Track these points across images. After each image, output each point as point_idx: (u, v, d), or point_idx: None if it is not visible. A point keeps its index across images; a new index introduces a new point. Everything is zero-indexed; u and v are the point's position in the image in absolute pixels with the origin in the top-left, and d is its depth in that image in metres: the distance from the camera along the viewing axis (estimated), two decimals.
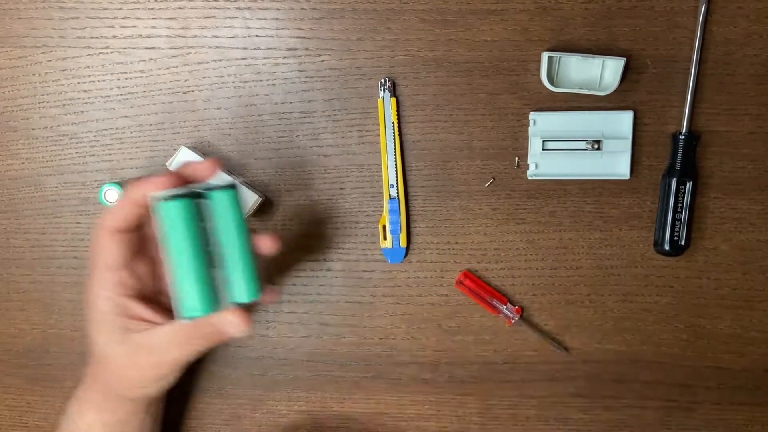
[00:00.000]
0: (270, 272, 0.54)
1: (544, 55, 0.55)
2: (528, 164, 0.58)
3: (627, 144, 0.57)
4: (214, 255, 0.44)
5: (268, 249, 0.47)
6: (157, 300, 0.47)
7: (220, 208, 0.44)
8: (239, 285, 0.44)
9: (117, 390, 0.50)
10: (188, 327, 0.44)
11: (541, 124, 0.57)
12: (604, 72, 0.56)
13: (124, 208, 0.44)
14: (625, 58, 0.55)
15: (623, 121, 0.57)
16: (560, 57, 0.56)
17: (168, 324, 0.45)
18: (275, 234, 0.49)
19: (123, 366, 0.47)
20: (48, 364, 0.62)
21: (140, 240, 0.46)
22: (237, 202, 0.44)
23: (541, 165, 0.58)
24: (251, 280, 0.45)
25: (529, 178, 0.58)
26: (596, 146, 0.57)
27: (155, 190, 0.42)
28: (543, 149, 0.57)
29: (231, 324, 0.45)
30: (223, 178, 0.45)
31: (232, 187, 0.44)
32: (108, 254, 0.44)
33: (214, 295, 0.43)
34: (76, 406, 0.53)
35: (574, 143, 0.57)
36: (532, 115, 0.57)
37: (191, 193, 0.42)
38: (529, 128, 0.57)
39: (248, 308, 0.46)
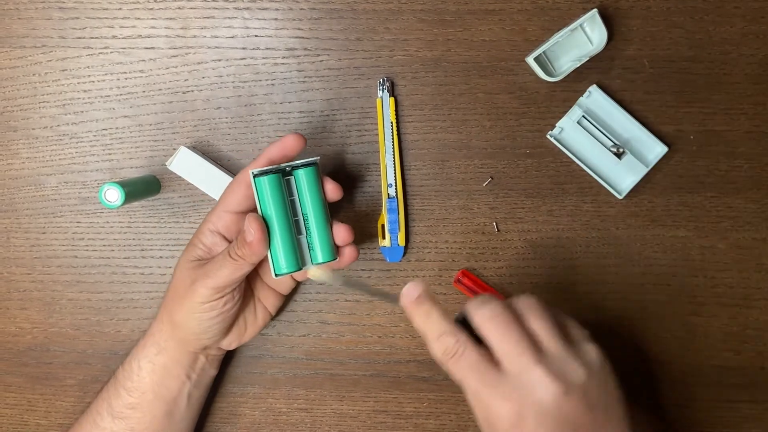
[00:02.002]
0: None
1: (529, 60, 0.55)
2: (555, 125, 0.58)
3: (642, 171, 0.57)
4: (300, 224, 0.52)
5: (342, 239, 0.53)
6: None
7: (303, 182, 0.52)
8: (321, 248, 0.53)
9: (174, 316, 0.52)
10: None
11: (593, 100, 0.57)
12: (588, 33, 0.56)
13: (258, 161, 0.51)
14: (595, 8, 0.55)
15: (655, 149, 0.58)
16: (544, 51, 0.56)
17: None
18: (350, 226, 0.53)
19: (180, 279, 0.52)
20: (48, 363, 0.62)
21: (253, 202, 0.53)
22: (317, 178, 0.52)
23: (565, 132, 0.58)
24: (329, 244, 0.53)
25: (547, 135, 0.58)
26: (619, 151, 0.57)
27: (284, 150, 0.51)
28: (577, 122, 0.57)
29: (313, 273, 0.52)
30: (307, 157, 0.53)
31: (313, 164, 0.52)
32: (231, 197, 0.52)
33: (298, 256, 0.52)
34: (142, 340, 0.55)
35: (603, 137, 0.57)
36: (592, 87, 0.57)
37: (278, 170, 0.51)
38: (581, 97, 0.57)
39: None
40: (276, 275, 0.51)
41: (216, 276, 0.50)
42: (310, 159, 0.52)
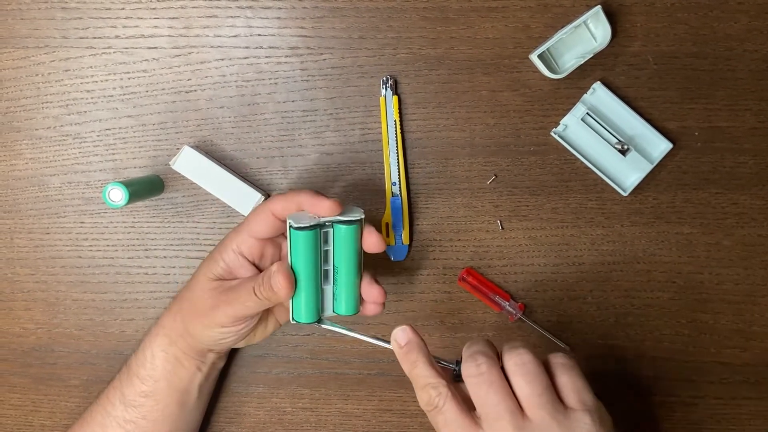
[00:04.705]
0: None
1: (533, 57, 0.55)
2: (559, 123, 0.57)
3: (647, 168, 0.57)
4: (329, 274, 0.51)
5: (373, 299, 0.52)
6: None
7: (343, 238, 0.49)
8: (345, 302, 0.52)
9: (189, 325, 0.53)
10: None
11: (597, 97, 0.57)
12: (592, 30, 0.56)
13: (288, 200, 0.50)
14: (599, 5, 0.55)
15: (659, 146, 0.57)
16: (548, 48, 0.56)
17: (247, 278, 0.52)
18: (383, 289, 0.52)
19: (201, 298, 0.52)
20: (53, 363, 0.62)
21: (282, 231, 0.52)
22: (357, 234, 0.50)
23: (569, 129, 0.57)
24: (354, 298, 0.52)
25: (551, 133, 0.57)
26: (624, 148, 0.57)
27: (317, 211, 0.48)
28: (581, 119, 0.57)
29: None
30: (354, 210, 0.51)
31: (356, 222, 0.49)
32: (256, 224, 0.51)
33: (319, 307, 0.51)
34: (154, 329, 0.55)
35: (607, 134, 0.57)
36: (596, 84, 0.57)
37: (317, 225, 0.48)
38: (585, 94, 0.57)
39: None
40: (293, 320, 0.51)
41: (239, 307, 0.50)
42: (354, 216, 0.49)
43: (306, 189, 0.50)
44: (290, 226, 0.48)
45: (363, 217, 0.49)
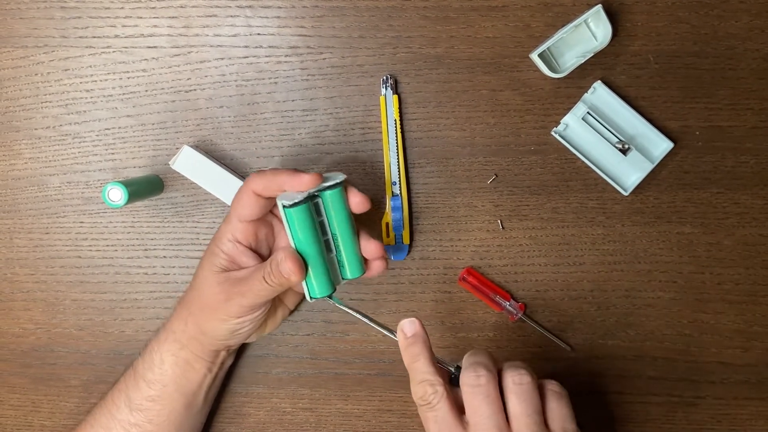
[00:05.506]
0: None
1: (533, 56, 0.55)
2: (560, 122, 0.57)
3: (648, 167, 0.57)
4: (330, 243, 0.52)
5: (371, 254, 0.52)
6: (261, 259, 0.54)
7: (331, 203, 0.51)
8: (349, 265, 0.52)
9: (202, 324, 0.53)
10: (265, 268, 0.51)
11: (597, 96, 0.57)
12: (592, 29, 0.56)
13: (268, 179, 0.50)
14: (599, 4, 0.54)
15: (660, 145, 0.57)
16: (548, 47, 0.55)
17: (255, 267, 0.52)
18: (380, 243, 0.52)
19: (212, 293, 0.52)
20: (52, 363, 0.62)
21: (268, 209, 0.53)
22: (343, 196, 0.51)
23: (570, 128, 0.57)
24: (358, 260, 0.52)
25: (551, 132, 0.57)
26: (625, 147, 0.56)
27: (299, 187, 0.49)
28: (582, 118, 0.57)
29: None
30: (335, 175, 0.51)
31: (340, 184, 0.50)
32: (243, 207, 0.51)
33: (331, 277, 0.51)
34: (163, 334, 0.55)
35: (608, 133, 0.57)
36: (597, 84, 0.57)
37: (308, 198, 0.49)
38: (586, 93, 0.57)
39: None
40: (311, 299, 0.51)
41: (251, 297, 0.51)
42: (337, 180, 0.50)
43: (284, 168, 0.50)
44: (283, 206, 0.48)
45: (345, 177, 0.51)
